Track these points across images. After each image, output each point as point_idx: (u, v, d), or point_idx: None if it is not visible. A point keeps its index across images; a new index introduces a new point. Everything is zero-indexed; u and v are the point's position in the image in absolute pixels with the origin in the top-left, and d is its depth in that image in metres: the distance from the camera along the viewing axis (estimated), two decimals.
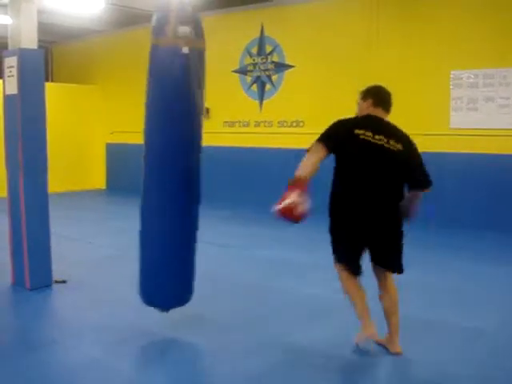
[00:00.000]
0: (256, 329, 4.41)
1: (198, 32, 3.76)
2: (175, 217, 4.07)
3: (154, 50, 3.77)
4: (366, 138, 3.95)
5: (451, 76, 8.47)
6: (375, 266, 4.05)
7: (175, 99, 3.76)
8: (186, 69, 3.67)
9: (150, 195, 4.30)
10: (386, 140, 4.00)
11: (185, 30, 3.58)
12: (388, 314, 4.02)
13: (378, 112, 4.17)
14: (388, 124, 4.17)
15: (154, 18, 3.77)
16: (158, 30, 3.71)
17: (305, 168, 3.81)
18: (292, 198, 3.57)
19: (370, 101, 4.16)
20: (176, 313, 4.25)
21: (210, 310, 4.75)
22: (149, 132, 4.01)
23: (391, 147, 3.99)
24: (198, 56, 3.78)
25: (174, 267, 4.07)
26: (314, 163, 3.86)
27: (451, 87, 8.48)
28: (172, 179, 4.01)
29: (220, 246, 7.02)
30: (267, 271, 6.10)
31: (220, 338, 4.22)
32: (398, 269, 4.04)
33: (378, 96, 4.22)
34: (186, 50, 3.60)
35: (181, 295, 4.16)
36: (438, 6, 8.58)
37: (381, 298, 4.04)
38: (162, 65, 3.71)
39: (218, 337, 4.23)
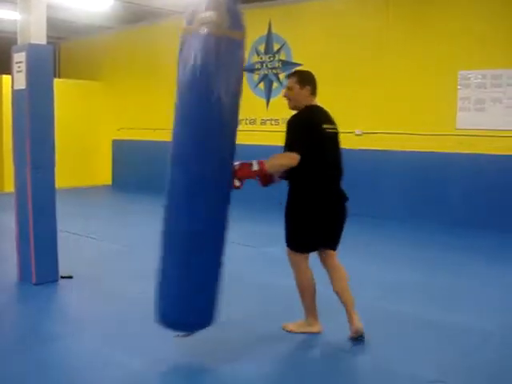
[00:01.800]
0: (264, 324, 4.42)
1: (233, 20, 3.49)
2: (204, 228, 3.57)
3: (181, 40, 3.58)
4: (330, 130, 4.16)
5: (459, 76, 8.45)
6: (324, 250, 4.20)
7: (192, 85, 3.48)
8: (205, 56, 3.40)
9: (178, 206, 3.60)
10: (335, 127, 4.26)
11: (207, 14, 3.46)
12: (342, 292, 4.14)
13: (315, 99, 4.27)
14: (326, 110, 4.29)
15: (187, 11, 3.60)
16: (188, 19, 3.52)
17: (274, 167, 3.96)
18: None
19: (308, 88, 4.19)
20: None
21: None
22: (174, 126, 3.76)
23: (338, 133, 4.28)
24: (231, 45, 3.50)
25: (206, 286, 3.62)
26: (284, 167, 4.01)
27: (459, 87, 8.46)
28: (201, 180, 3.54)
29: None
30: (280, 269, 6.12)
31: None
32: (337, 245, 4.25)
33: (314, 83, 4.29)
34: (203, 31, 3.45)
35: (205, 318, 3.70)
36: (446, 6, 8.57)
37: (334, 280, 4.18)
38: (184, 53, 3.52)
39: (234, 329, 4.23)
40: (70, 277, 5.59)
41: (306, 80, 4.20)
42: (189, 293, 3.54)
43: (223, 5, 3.46)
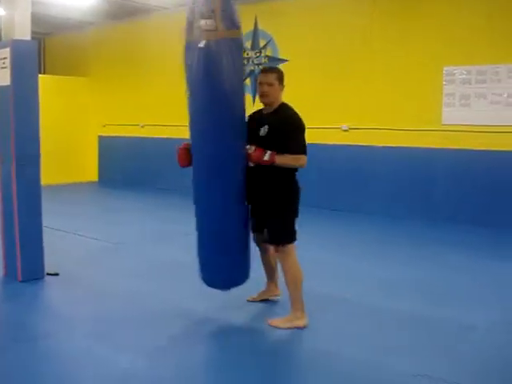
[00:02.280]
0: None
1: (228, 20, 3.76)
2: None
3: (185, 49, 3.89)
4: None
5: (444, 72, 8.49)
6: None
7: (201, 89, 3.88)
8: (204, 62, 3.72)
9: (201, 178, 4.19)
10: None
11: (203, 23, 3.57)
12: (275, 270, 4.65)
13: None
14: None
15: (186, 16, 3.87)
16: (186, 30, 3.81)
17: (282, 164, 4.12)
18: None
19: (282, 86, 4.32)
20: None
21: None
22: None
23: None
24: (231, 45, 3.82)
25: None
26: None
27: (444, 83, 8.49)
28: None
29: None
30: None
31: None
32: None
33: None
34: (202, 43, 3.60)
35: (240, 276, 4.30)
36: (431, 2, 8.60)
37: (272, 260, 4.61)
38: (189, 61, 3.84)
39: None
40: (57, 274, 5.56)
41: (283, 78, 4.30)
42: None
43: (218, 8, 3.58)
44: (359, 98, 9.28)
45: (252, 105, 10.70)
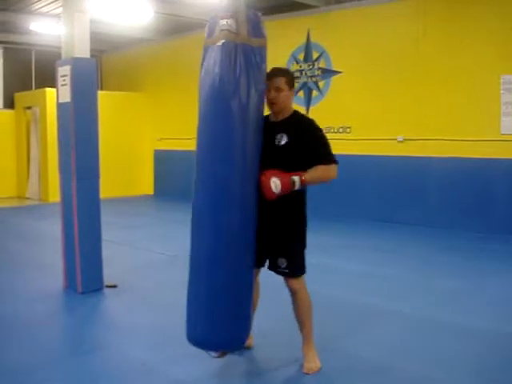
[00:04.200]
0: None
1: (252, 28, 3.49)
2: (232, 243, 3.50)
3: (203, 51, 3.60)
4: None
5: (501, 80, 8.31)
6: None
7: (214, 97, 3.46)
8: (221, 62, 3.39)
9: (202, 218, 3.62)
10: None
11: (225, 22, 3.47)
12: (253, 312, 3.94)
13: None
14: None
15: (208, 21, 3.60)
16: (208, 31, 3.55)
17: (312, 182, 3.60)
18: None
19: (293, 91, 3.80)
20: None
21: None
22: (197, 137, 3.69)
23: None
24: (251, 52, 3.47)
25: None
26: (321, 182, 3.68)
27: (501, 92, 8.31)
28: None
29: None
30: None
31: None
32: None
33: None
34: (220, 42, 3.44)
35: (238, 335, 3.63)
36: (487, 8, 8.43)
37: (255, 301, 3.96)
38: (205, 62, 3.53)
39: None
40: (115, 286, 5.66)
41: (293, 81, 3.80)
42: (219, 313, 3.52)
43: (242, 13, 3.48)
44: (414, 108, 9.17)
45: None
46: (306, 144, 3.60)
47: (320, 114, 10.42)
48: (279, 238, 3.71)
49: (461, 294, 5.45)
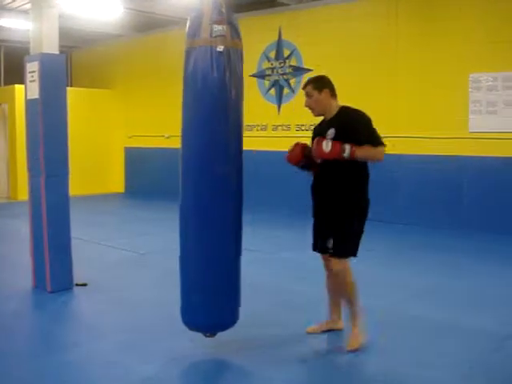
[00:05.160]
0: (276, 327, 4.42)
1: (234, 31, 3.66)
2: (217, 232, 3.71)
3: (189, 53, 3.66)
4: None
5: (470, 79, 8.42)
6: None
7: (213, 102, 3.64)
8: (222, 68, 3.58)
9: (189, 208, 3.76)
10: None
11: (219, 28, 3.54)
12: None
13: (337, 101, 4.20)
14: None
15: (188, 21, 3.67)
16: (193, 33, 3.61)
17: (362, 157, 3.91)
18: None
19: (326, 91, 4.13)
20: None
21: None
22: (184, 138, 3.79)
23: None
24: (235, 54, 3.68)
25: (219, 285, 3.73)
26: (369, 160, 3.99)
27: (470, 90, 8.42)
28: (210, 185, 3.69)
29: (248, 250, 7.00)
30: (291, 273, 6.11)
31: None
32: None
33: (331, 85, 4.22)
34: (220, 48, 3.56)
35: (227, 317, 3.83)
36: (457, 8, 8.53)
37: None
38: (198, 65, 3.61)
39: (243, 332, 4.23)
40: (85, 284, 5.61)
41: (322, 84, 4.16)
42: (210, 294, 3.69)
43: (226, 17, 3.58)
44: (385, 106, 9.24)
45: (277, 115, 10.74)
46: (353, 132, 3.90)
47: (291, 111, 10.48)
48: (332, 219, 4.00)
49: (432, 289, 5.52)
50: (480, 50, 8.26)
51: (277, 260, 6.84)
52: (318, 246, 4.14)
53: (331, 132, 3.96)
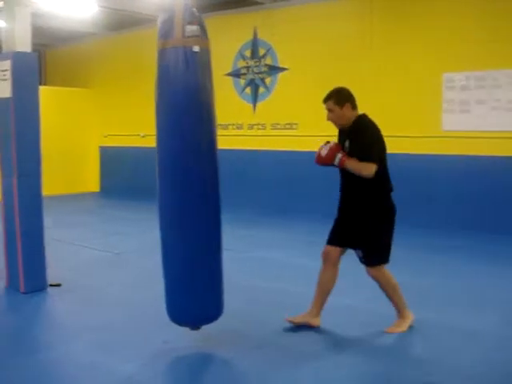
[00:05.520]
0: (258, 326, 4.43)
1: (204, 31, 3.68)
2: (197, 225, 3.78)
3: (163, 53, 3.67)
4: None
5: (443, 78, 8.51)
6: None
7: (189, 101, 3.65)
8: (198, 68, 3.61)
9: (167, 205, 3.88)
10: None
11: (193, 29, 3.55)
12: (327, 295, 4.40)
13: (358, 111, 4.36)
14: None
15: (160, 21, 3.69)
16: (166, 33, 3.63)
17: (351, 169, 4.10)
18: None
19: (348, 105, 4.29)
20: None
21: None
22: (160, 138, 3.79)
23: None
24: (207, 55, 3.72)
25: (200, 281, 3.81)
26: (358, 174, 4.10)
27: (443, 89, 8.52)
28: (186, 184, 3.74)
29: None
30: (266, 273, 6.12)
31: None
32: None
33: (353, 98, 4.42)
34: (196, 48, 3.57)
35: (211, 310, 3.91)
36: (430, 9, 8.62)
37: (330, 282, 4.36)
38: (173, 65, 3.60)
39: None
40: (59, 285, 5.57)
41: (343, 98, 4.30)
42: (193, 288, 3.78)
43: (198, 18, 3.60)
44: (359, 105, 9.27)
45: (253, 114, 10.76)
46: (356, 143, 4.13)
47: (267, 110, 10.51)
48: (357, 230, 4.21)
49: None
50: (454, 49, 8.36)
51: (251, 259, 6.85)
52: (336, 239, 4.34)
53: (346, 143, 4.22)
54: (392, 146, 8.80)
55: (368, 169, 4.02)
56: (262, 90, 10.64)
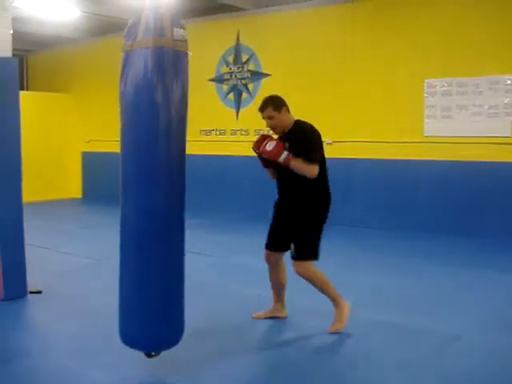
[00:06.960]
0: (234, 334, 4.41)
1: (184, 34, 3.57)
2: (155, 246, 3.50)
3: (130, 54, 3.58)
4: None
5: (425, 84, 8.57)
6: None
7: (163, 100, 3.46)
8: (186, 72, 3.56)
9: (127, 219, 3.67)
10: None
11: (180, 32, 3.49)
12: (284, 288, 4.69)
13: (293, 116, 4.53)
14: None
15: (145, 20, 3.54)
16: (132, 35, 3.57)
17: (294, 169, 4.23)
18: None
19: (284, 109, 4.46)
20: None
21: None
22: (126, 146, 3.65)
23: None
24: (187, 59, 3.61)
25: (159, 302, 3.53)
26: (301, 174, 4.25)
27: (425, 95, 8.57)
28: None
29: (199, 255, 6.98)
30: (247, 279, 6.10)
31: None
32: None
33: (285, 102, 4.55)
34: (189, 52, 3.53)
35: (169, 335, 3.62)
36: (411, 16, 8.69)
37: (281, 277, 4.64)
38: (152, 67, 3.41)
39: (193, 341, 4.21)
40: (39, 292, 5.51)
41: (279, 103, 4.46)
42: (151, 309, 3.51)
43: (182, 20, 3.55)
44: (342, 112, 9.33)
45: (236, 120, 10.75)
46: (298, 145, 4.25)
47: (250, 116, 10.49)
48: (292, 227, 4.36)
49: (382, 289, 5.59)
50: (435, 55, 8.43)
51: (227, 265, 6.86)
52: (273, 244, 4.55)
53: (286, 146, 4.28)
54: (374, 152, 8.99)
55: (312, 169, 4.21)
56: (245, 95, 10.64)
